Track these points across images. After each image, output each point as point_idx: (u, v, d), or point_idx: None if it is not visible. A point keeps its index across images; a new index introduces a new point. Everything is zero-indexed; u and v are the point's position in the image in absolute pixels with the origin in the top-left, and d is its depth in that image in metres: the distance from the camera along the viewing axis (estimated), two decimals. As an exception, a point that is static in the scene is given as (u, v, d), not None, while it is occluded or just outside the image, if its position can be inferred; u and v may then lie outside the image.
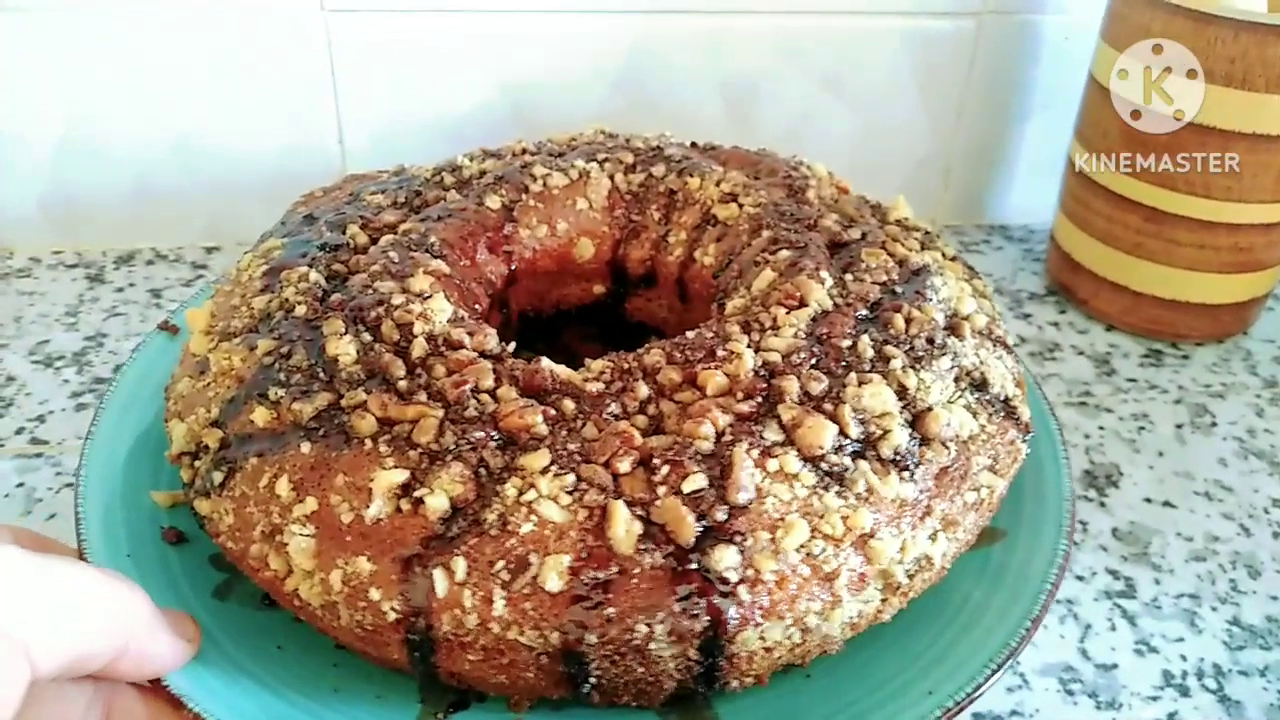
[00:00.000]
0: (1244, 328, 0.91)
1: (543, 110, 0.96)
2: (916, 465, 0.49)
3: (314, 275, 0.59)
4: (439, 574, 0.44)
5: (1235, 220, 0.82)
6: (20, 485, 0.70)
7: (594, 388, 0.51)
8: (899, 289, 0.58)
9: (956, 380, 0.54)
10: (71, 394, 0.79)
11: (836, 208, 0.66)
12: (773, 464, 0.47)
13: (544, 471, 0.46)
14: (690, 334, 0.54)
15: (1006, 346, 0.60)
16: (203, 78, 0.91)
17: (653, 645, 0.44)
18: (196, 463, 0.52)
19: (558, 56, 0.95)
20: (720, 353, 0.52)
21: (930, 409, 0.51)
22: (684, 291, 0.69)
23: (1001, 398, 0.55)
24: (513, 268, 0.67)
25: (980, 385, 0.55)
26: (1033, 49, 1.00)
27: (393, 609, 0.45)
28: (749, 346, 0.52)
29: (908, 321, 0.55)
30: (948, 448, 0.50)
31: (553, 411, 0.49)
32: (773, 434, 0.48)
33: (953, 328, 0.57)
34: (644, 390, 0.50)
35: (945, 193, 1.06)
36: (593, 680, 0.45)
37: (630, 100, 0.96)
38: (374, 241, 0.63)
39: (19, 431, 0.76)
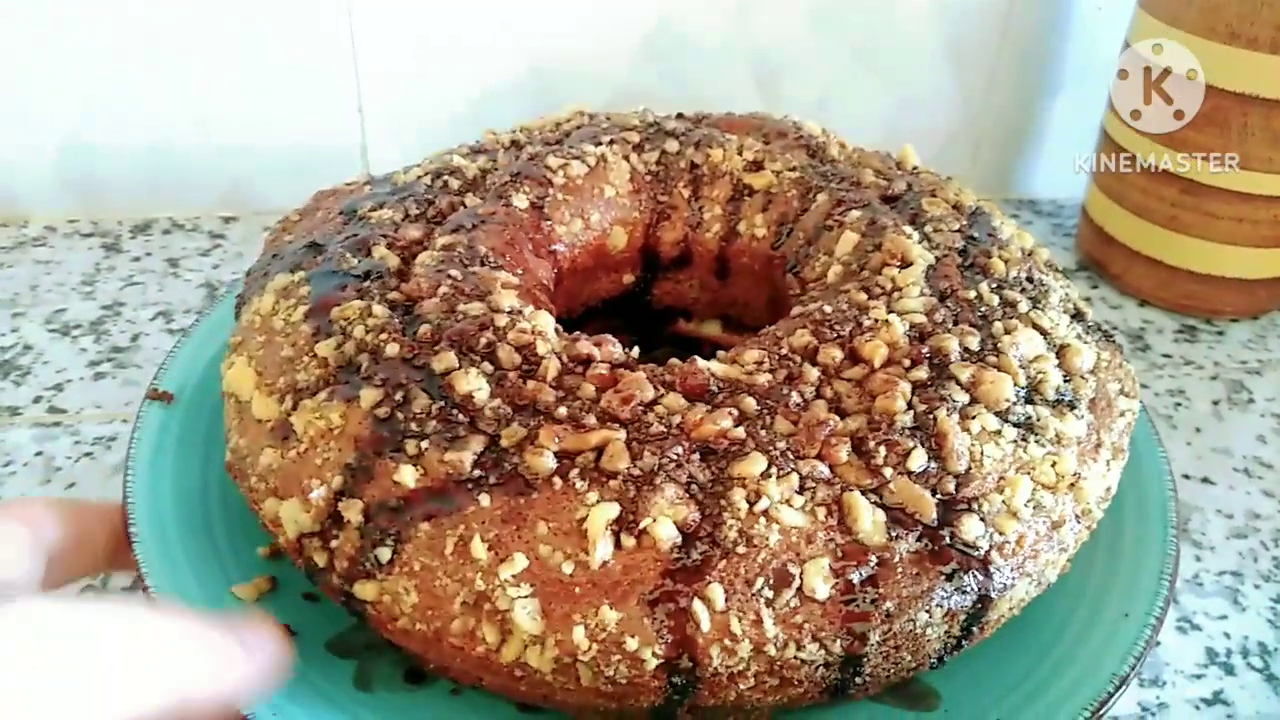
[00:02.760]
0: (1279, 304, 0.89)
1: (568, 83, 0.92)
2: (1077, 401, 0.49)
3: (377, 308, 0.52)
4: (699, 606, 0.41)
5: (1274, 192, 0.80)
6: (39, 454, 0.69)
7: (763, 380, 0.48)
8: (974, 234, 0.58)
9: (1064, 313, 0.54)
10: (89, 363, 0.78)
11: (864, 161, 0.65)
12: (974, 425, 0.46)
13: (764, 476, 0.43)
14: (826, 308, 0.52)
15: (1064, 275, 0.60)
16: (221, 46, 0.88)
17: (929, 630, 0.43)
18: (333, 543, 0.45)
19: (583, 28, 0.91)
20: (866, 322, 0.51)
21: (1068, 344, 0.51)
22: (724, 268, 0.66)
23: (1096, 324, 0.56)
24: (558, 268, 0.62)
25: (1078, 315, 0.55)
26: (1064, 20, 0.98)
27: (653, 654, 0.41)
28: (890, 311, 0.51)
29: (1005, 263, 0.55)
30: (1086, 380, 0.51)
31: (735, 411, 0.46)
32: (959, 395, 0.47)
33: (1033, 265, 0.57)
34: (814, 373, 0.48)
35: (974, 166, 1.04)
36: (861, 680, 0.43)
37: (659, 73, 0.93)
38: (406, 261, 0.57)
39: (37, 400, 0.74)
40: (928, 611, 0.42)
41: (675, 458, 0.44)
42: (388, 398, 0.47)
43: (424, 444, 0.45)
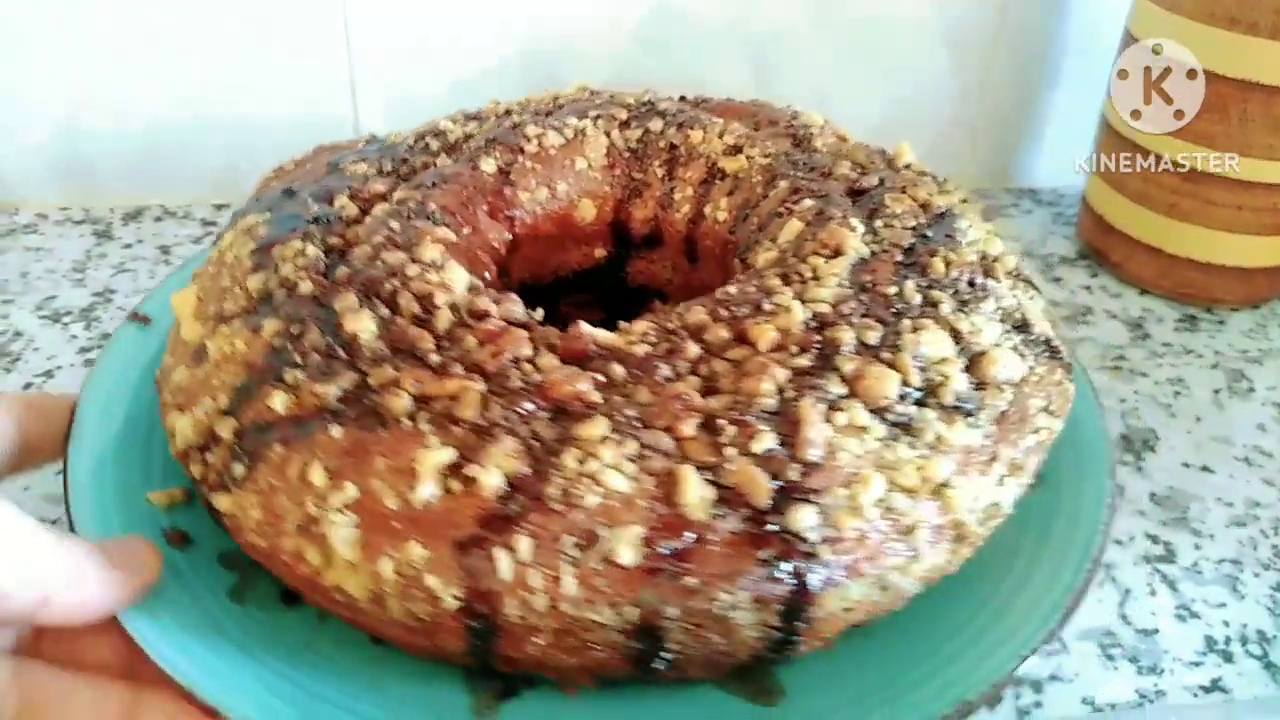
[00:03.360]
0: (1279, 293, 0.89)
1: (563, 66, 0.92)
2: (978, 410, 0.47)
3: (311, 250, 0.55)
4: (501, 555, 0.41)
5: (1275, 180, 0.80)
6: None
7: (640, 350, 0.48)
8: (929, 233, 0.56)
9: (1002, 322, 0.51)
10: (79, 349, 0.78)
11: (847, 155, 0.64)
12: (840, 418, 0.44)
13: (603, 440, 0.43)
14: (731, 289, 0.51)
15: (1035, 286, 0.58)
16: (212, 32, 0.88)
17: (735, 614, 0.41)
18: (208, 456, 0.48)
19: (579, 11, 0.91)
20: (767, 306, 0.49)
21: (984, 352, 0.49)
22: (692, 250, 0.66)
23: (1043, 338, 0.53)
24: (514, 233, 0.63)
25: (1022, 326, 0.52)
26: (1063, 7, 0.97)
27: (453, 596, 0.41)
28: (795, 298, 0.50)
29: (947, 265, 0.53)
30: (1003, 391, 0.48)
31: (602, 378, 0.46)
32: (835, 386, 0.46)
33: (988, 269, 0.54)
34: (694, 350, 0.48)
35: (972, 155, 1.03)
36: (667, 655, 0.43)
37: (655, 58, 0.93)
38: (365, 212, 0.59)
39: (27, 386, 0.75)
40: (731, 593, 0.41)
41: (523, 413, 0.44)
42: (286, 330, 0.49)
43: (301, 375, 0.47)
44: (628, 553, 0.40)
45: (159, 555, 0.46)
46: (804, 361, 0.46)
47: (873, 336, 0.48)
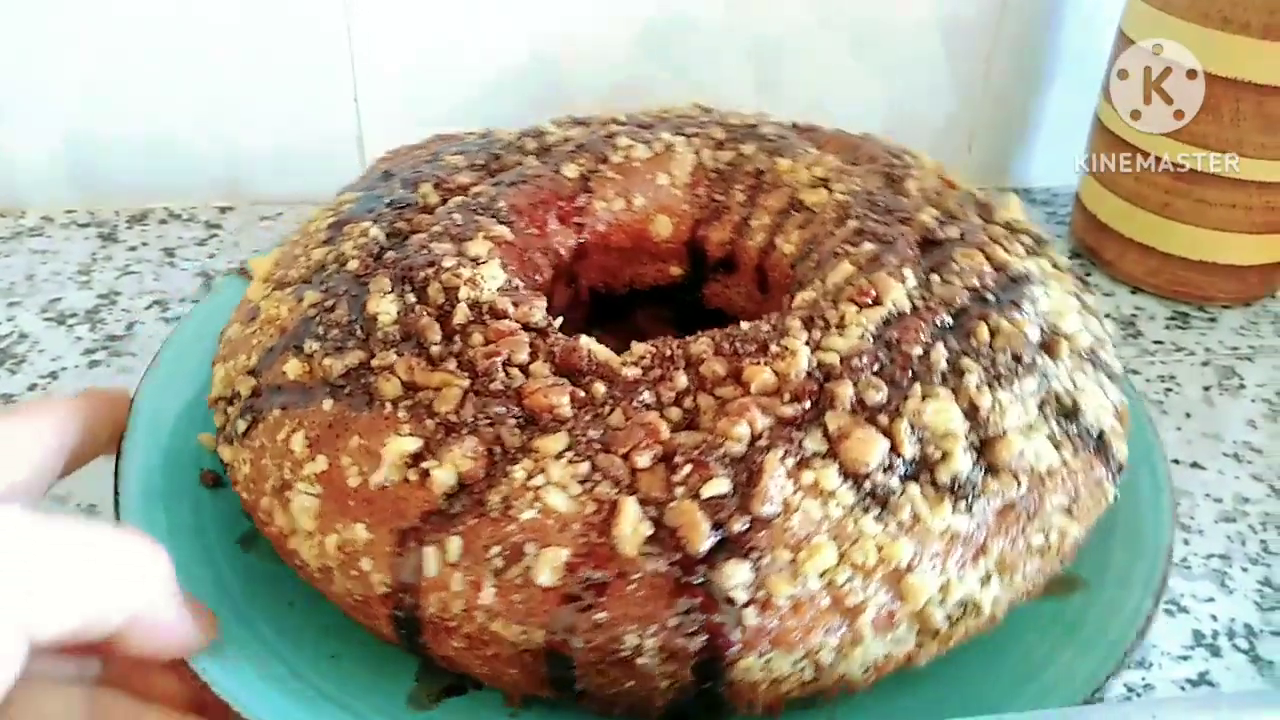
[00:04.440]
0: (1271, 291, 0.89)
1: (567, 74, 0.92)
2: (977, 496, 0.43)
3: (374, 231, 0.56)
4: (431, 552, 0.42)
5: (1268, 178, 0.80)
6: None
7: (630, 373, 0.47)
8: (990, 296, 0.51)
9: (1042, 405, 0.47)
10: (84, 351, 0.78)
11: (938, 201, 0.59)
12: (808, 476, 0.42)
13: (558, 456, 0.43)
14: (745, 325, 0.49)
15: (1112, 374, 0.52)
16: (217, 37, 0.89)
17: (641, 660, 0.40)
18: (228, 409, 0.51)
19: (583, 17, 0.90)
20: (774, 348, 0.47)
21: (1003, 434, 0.45)
22: (764, 280, 0.63)
23: (1095, 430, 0.48)
24: (582, 240, 0.63)
25: (1070, 413, 0.48)
26: (1060, 9, 0.97)
27: (382, 582, 0.43)
28: (807, 344, 0.47)
29: (993, 333, 0.49)
30: (1018, 480, 0.44)
31: (582, 394, 0.46)
32: (815, 443, 0.43)
33: (1048, 345, 0.50)
34: (683, 381, 0.46)
35: (969, 155, 1.03)
36: (579, 687, 0.42)
37: (658, 62, 0.92)
38: (444, 202, 0.60)
39: (31, 388, 0.75)
40: (639, 637, 0.40)
41: (494, 416, 0.44)
42: (321, 302, 0.52)
43: (317, 346, 0.49)
44: (546, 575, 0.40)
45: (216, 619, 0.45)
46: (790, 411, 0.44)
47: (875, 397, 0.44)
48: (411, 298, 0.51)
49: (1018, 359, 0.48)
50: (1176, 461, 0.69)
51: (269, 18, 0.88)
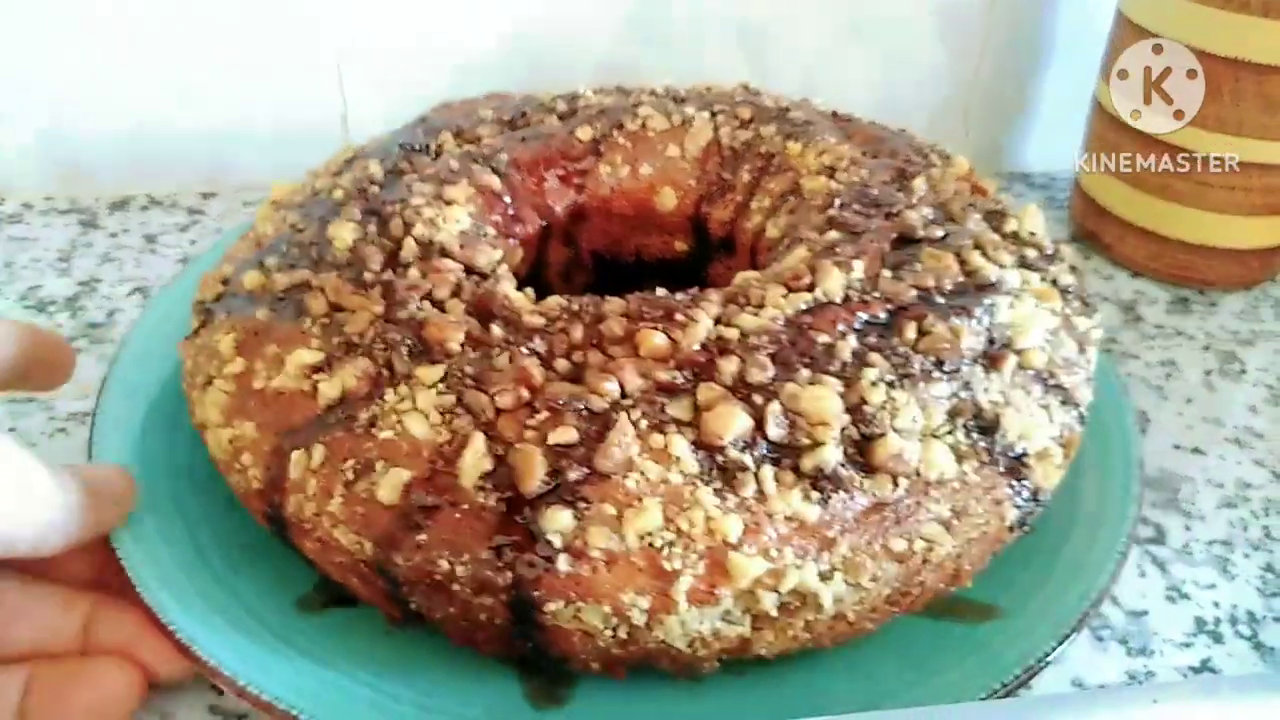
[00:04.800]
0: (1272, 274, 0.87)
1: (551, 51, 0.91)
2: (836, 490, 0.42)
3: (374, 168, 0.59)
4: (297, 456, 0.44)
5: (1269, 160, 0.78)
6: (12, 429, 0.68)
7: (533, 320, 0.47)
8: (940, 299, 0.49)
9: (954, 414, 0.45)
10: (65, 338, 0.74)
11: (940, 202, 0.57)
12: (657, 439, 0.42)
13: (431, 386, 0.44)
14: (663, 293, 0.49)
15: (1068, 400, 0.49)
16: (198, 20, 0.87)
17: (456, 587, 0.41)
18: (201, 311, 0.55)
19: None
20: (678, 317, 0.47)
21: (884, 435, 0.43)
22: (755, 263, 0.62)
23: (1014, 450, 0.46)
24: (580, 200, 0.64)
25: (987, 428, 0.45)
26: None
27: (255, 478, 0.46)
28: (711, 318, 0.47)
29: (922, 334, 0.47)
30: (896, 482, 0.43)
31: (480, 333, 0.47)
32: (679, 411, 0.43)
33: (992, 357, 0.47)
34: (579, 335, 0.47)
35: (965, 138, 1.00)
36: (412, 606, 0.44)
37: (644, 40, 0.91)
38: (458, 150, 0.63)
39: None
40: (450, 564, 0.41)
41: (389, 343, 0.46)
42: (295, 224, 0.56)
43: (274, 260, 0.53)
44: (386, 492, 0.42)
45: (134, 485, 0.48)
46: (667, 377, 0.44)
47: (757, 375, 0.44)
48: (373, 229, 0.53)
49: (939, 363, 0.46)
50: (1177, 447, 0.68)
51: (252, 2, 0.87)
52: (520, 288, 0.51)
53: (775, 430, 0.42)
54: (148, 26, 0.87)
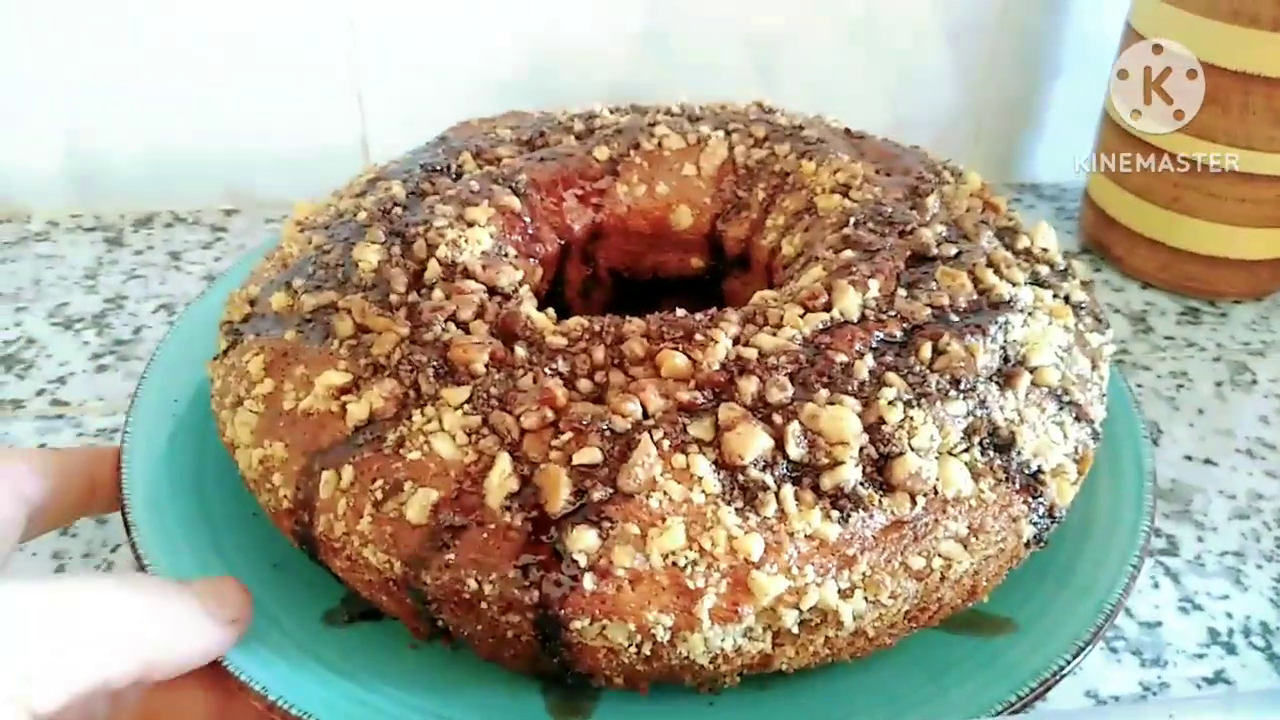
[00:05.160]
0: None
1: (568, 70, 0.92)
2: (856, 509, 0.42)
3: (396, 189, 0.60)
4: (328, 476, 0.44)
5: (1277, 172, 0.78)
6: (42, 445, 0.69)
7: (556, 341, 0.48)
8: (955, 317, 0.49)
9: (970, 432, 0.45)
10: (92, 355, 0.78)
11: (953, 220, 0.57)
12: (679, 459, 0.42)
13: (457, 407, 0.45)
14: (682, 313, 0.50)
15: (1085, 417, 0.49)
16: (221, 39, 0.89)
17: (483, 605, 0.42)
18: (228, 332, 0.55)
19: (582, 11, 0.90)
20: (698, 337, 0.47)
21: (902, 455, 0.43)
22: (771, 280, 0.62)
23: (1029, 467, 0.46)
24: (598, 219, 0.64)
25: (1004, 446, 0.45)
26: (1064, 3, 0.96)
27: (286, 498, 0.46)
28: (730, 338, 0.47)
29: (938, 353, 0.47)
30: (914, 500, 0.43)
31: (502, 354, 0.47)
32: (700, 431, 0.43)
33: (1007, 375, 0.47)
34: (600, 356, 0.47)
35: (975, 150, 1.02)
36: (440, 623, 0.44)
37: (655, 55, 0.92)
38: (479, 170, 0.64)
39: (39, 393, 0.74)
40: (478, 582, 0.41)
41: (416, 364, 0.47)
42: (322, 245, 0.56)
43: (301, 282, 0.53)
44: (415, 511, 0.42)
45: (249, 595, 0.45)
46: (688, 397, 0.44)
47: (777, 395, 0.44)
48: (397, 250, 0.54)
49: (955, 382, 0.46)
50: (1189, 458, 0.69)
51: (273, 21, 0.88)
52: (541, 307, 0.51)
53: (795, 450, 0.42)
54: (170, 48, 0.88)
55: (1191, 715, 0.40)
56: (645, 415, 0.43)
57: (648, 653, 0.41)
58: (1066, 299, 0.54)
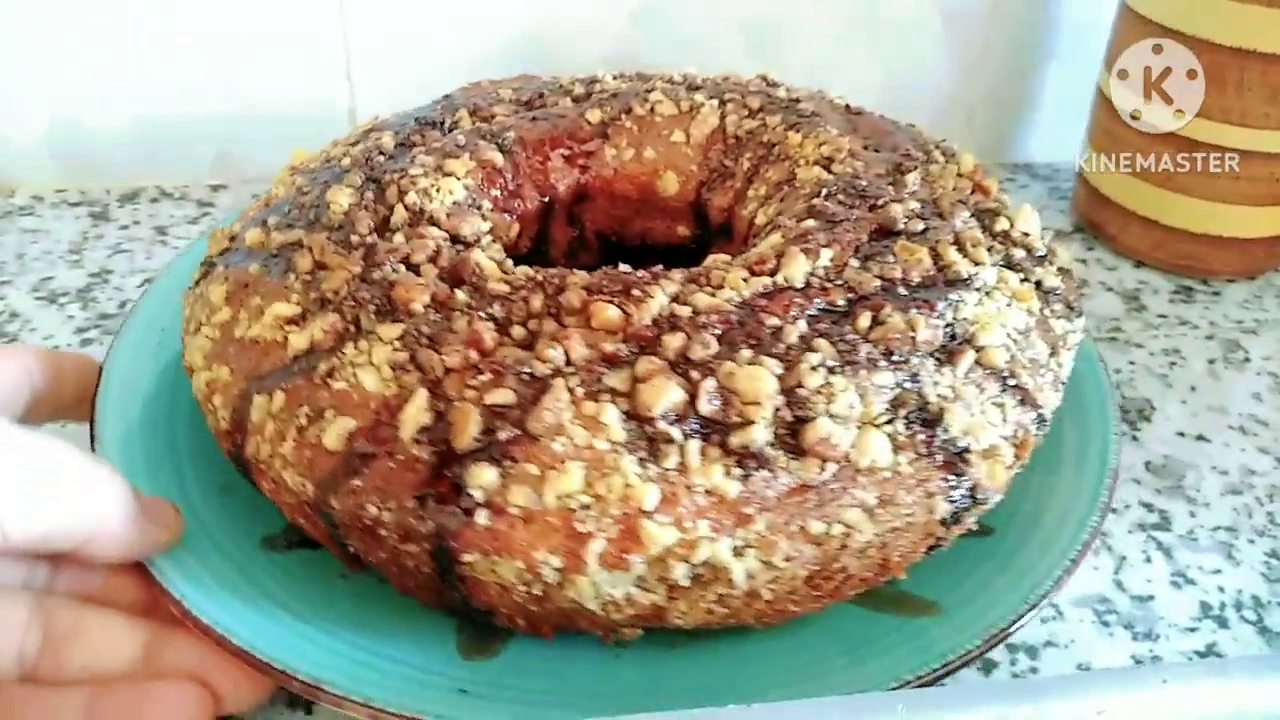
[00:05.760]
0: (1276, 263, 0.87)
1: (561, 45, 0.91)
2: (760, 469, 0.42)
3: (386, 139, 0.61)
4: (259, 400, 0.46)
5: (1272, 149, 0.78)
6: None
7: (497, 288, 0.48)
8: (903, 290, 0.48)
9: (896, 404, 0.44)
10: (76, 329, 0.77)
11: (932, 198, 0.56)
12: (589, 406, 0.42)
13: (387, 342, 0.45)
14: (626, 268, 0.49)
15: (1032, 402, 0.48)
16: (210, 14, 0.88)
17: (383, 533, 0.43)
18: (207, 267, 0.57)
19: None
20: (635, 293, 0.47)
21: (814, 419, 0.42)
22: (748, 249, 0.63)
23: (955, 445, 0.45)
24: (584, 181, 0.64)
25: (931, 421, 0.44)
26: None
27: (224, 419, 0.48)
28: (670, 295, 0.47)
29: (876, 324, 0.46)
30: (824, 466, 0.42)
31: (444, 296, 0.48)
32: (616, 381, 0.43)
33: (950, 351, 0.46)
34: (537, 304, 0.47)
35: (969, 132, 1.00)
36: (350, 548, 0.45)
37: (650, 36, 0.91)
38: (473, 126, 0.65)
39: None
40: (378, 509, 0.42)
41: (359, 300, 0.48)
42: (304, 188, 0.57)
43: (275, 220, 0.55)
44: (332, 438, 0.43)
45: (181, 518, 0.47)
46: (612, 348, 0.44)
47: (699, 352, 0.44)
48: (370, 195, 0.55)
49: (888, 353, 0.45)
50: (1181, 434, 0.69)
51: None
52: (522, 262, 0.51)
53: (707, 406, 0.42)
54: (156, 18, 0.87)
55: (1185, 680, 0.39)
56: (568, 363, 0.43)
57: (539, 593, 0.42)
58: (1037, 284, 0.52)
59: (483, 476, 0.41)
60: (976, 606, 0.47)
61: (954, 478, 0.44)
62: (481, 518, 0.41)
